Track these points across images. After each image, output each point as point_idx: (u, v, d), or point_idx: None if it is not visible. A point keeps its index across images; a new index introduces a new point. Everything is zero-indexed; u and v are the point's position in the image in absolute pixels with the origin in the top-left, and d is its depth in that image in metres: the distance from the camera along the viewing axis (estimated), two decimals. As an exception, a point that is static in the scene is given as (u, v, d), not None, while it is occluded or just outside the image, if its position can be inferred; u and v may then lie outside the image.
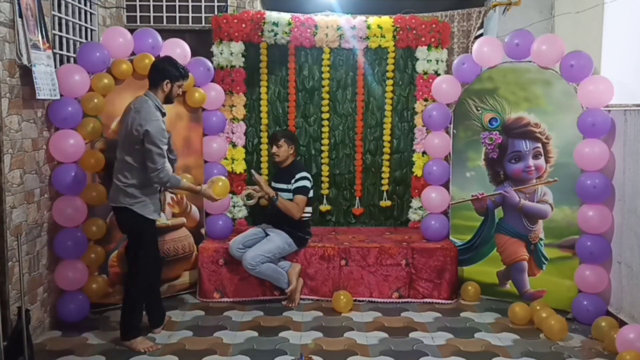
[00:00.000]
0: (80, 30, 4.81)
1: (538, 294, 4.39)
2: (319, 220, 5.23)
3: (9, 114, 3.42)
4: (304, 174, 4.52)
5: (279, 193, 4.45)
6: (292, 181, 4.47)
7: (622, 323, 3.77)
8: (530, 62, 4.38)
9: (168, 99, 3.71)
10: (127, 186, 3.56)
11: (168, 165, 3.57)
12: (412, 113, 5.17)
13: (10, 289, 3.42)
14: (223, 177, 4.03)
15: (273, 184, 4.59)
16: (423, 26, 5.03)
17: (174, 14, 5.82)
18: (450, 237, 4.80)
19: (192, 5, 5.82)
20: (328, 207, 5.26)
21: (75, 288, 4.02)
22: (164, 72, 3.66)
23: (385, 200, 5.26)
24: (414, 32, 5.05)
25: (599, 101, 4.06)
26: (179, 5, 5.82)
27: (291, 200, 4.45)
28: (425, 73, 5.06)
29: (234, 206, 5.05)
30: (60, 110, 3.88)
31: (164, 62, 3.75)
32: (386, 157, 5.21)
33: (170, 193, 4.48)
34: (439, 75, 5.01)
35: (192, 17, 5.83)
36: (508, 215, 4.56)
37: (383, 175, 5.23)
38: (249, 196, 4.50)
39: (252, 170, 4.62)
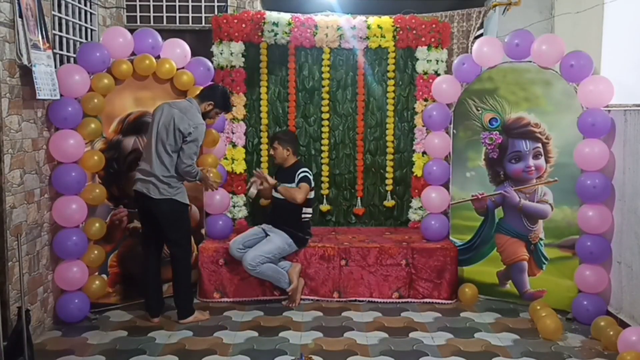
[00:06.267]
0: (80, 30, 4.80)
1: (538, 294, 4.39)
2: (319, 220, 5.22)
3: (9, 114, 3.42)
4: (305, 169, 4.55)
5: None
6: (295, 177, 4.47)
7: (622, 323, 3.77)
8: (530, 62, 4.38)
9: (202, 116, 4.04)
10: (169, 178, 3.88)
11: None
12: (412, 113, 5.16)
13: (10, 289, 3.42)
14: (208, 168, 4.27)
15: None
16: (423, 26, 5.03)
17: (174, 14, 5.82)
18: (450, 237, 4.80)
19: (192, 5, 5.82)
20: (328, 207, 5.26)
21: (75, 288, 4.01)
22: (215, 97, 4.07)
23: (388, 200, 5.26)
24: (414, 32, 5.05)
25: (599, 101, 4.05)
26: (179, 5, 5.82)
27: None
28: (425, 73, 5.06)
29: (234, 206, 5.05)
30: (60, 110, 3.87)
31: (223, 91, 4.17)
32: (390, 157, 5.21)
33: None
34: (439, 75, 5.01)
35: (192, 17, 5.83)
36: (508, 215, 4.56)
37: (387, 175, 5.23)
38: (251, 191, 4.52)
39: (254, 170, 4.64)
